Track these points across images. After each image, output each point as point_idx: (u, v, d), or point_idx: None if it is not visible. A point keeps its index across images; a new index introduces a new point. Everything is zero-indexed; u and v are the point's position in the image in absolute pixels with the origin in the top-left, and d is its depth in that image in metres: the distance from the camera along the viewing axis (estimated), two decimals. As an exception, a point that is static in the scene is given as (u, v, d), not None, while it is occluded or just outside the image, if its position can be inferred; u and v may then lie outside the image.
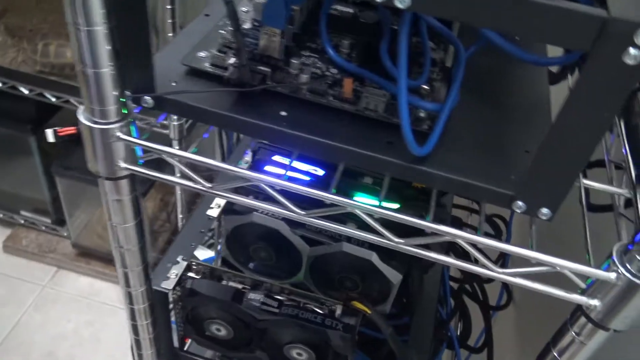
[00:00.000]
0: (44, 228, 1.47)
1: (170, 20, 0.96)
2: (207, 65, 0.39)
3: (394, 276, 0.55)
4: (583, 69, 0.28)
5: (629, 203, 0.40)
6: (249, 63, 0.37)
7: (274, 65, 0.39)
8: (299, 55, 0.41)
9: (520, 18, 0.27)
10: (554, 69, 0.55)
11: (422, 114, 0.38)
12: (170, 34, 0.95)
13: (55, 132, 0.36)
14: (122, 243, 0.42)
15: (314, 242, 0.56)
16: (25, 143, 1.31)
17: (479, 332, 0.80)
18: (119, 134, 0.35)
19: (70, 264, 1.44)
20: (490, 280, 0.85)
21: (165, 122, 1.06)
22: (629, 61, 0.27)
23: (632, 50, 0.26)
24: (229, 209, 0.59)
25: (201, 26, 0.44)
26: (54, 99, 1.16)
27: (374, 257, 0.54)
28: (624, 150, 0.40)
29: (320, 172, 0.55)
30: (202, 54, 0.40)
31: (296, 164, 0.55)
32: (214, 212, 0.59)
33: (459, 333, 0.82)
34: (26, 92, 1.17)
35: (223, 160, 0.64)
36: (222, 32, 0.42)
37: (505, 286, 0.86)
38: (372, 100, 0.38)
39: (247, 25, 0.41)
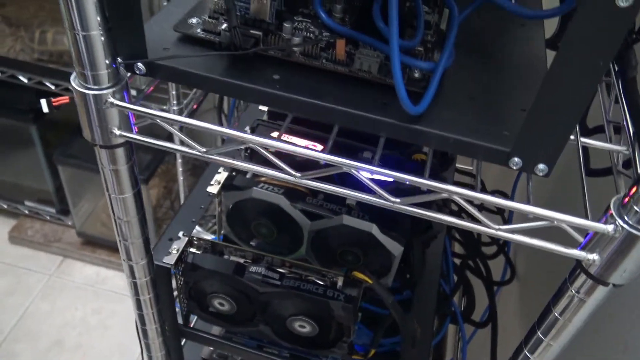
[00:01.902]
0: (48, 218, 1.48)
1: (165, 3, 0.95)
2: (198, 31, 0.39)
3: (395, 248, 0.55)
4: (575, 15, 0.27)
5: (628, 164, 0.39)
6: (241, 27, 0.37)
7: (266, 29, 0.39)
8: (292, 20, 0.41)
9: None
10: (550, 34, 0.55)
11: (417, 75, 0.38)
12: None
13: (49, 101, 0.36)
14: (121, 215, 0.42)
15: (315, 216, 0.56)
16: (26, 133, 1.31)
17: (483, 307, 0.80)
18: (112, 99, 0.35)
19: (75, 253, 1.45)
20: (493, 256, 0.85)
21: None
22: (621, 3, 0.26)
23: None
24: (229, 185, 0.59)
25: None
26: (53, 87, 1.17)
27: (374, 229, 0.54)
28: (621, 109, 0.39)
29: (319, 147, 0.55)
30: (193, 20, 0.40)
31: (295, 140, 0.55)
32: (213, 188, 0.59)
33: (462, 308, 0.82)
34: (25, 80, 1.17)
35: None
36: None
37: (509, 262, 0.86)
38: (366, 62, 0.37)
39: (238, -9, 0.41)
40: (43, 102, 0.36)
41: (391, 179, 0.36)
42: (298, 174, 0.36)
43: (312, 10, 0.42)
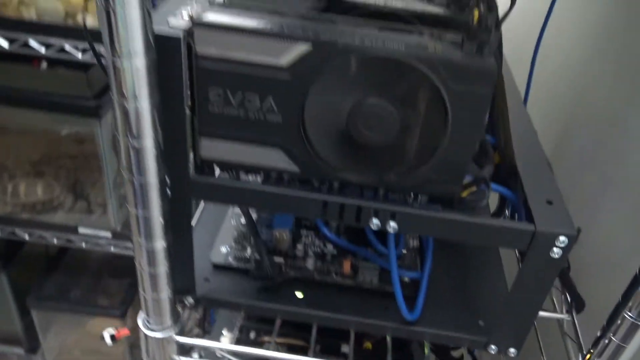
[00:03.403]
0: (16, 358, 1.46)
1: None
2: (231, 261, 0.49)
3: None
4: (524, 263, 0.39)
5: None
6: (267, 259, 0.47)
7: (285, 254, 0.49)
8: (299, 235, 0.51)
9: (481, 236, 0.39)
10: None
11: (406, 279, 0.49)
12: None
13: (112, 337, 0.44)
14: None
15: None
16: (-5, 279, 1.32)
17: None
18: (171, 334, 0.44)
19: (47, 393, 1.43)
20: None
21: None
22: (555, 255, 0.38)
23: (556, 249, 0.38)
24: None
25: (212, 218, 0.53)
26: (27, 236, 1.20)
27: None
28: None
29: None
30: (223, 249, 0.50)
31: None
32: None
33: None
34: (-2, 233, 1.20)
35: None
36: (234, 223, 0.52)
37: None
38: (368, 274, 0.48)
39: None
40: (107, 338, 0.44)
41: None
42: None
43: (313, 223, 0.53)
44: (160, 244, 0.39)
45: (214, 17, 0.34)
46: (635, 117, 0.63)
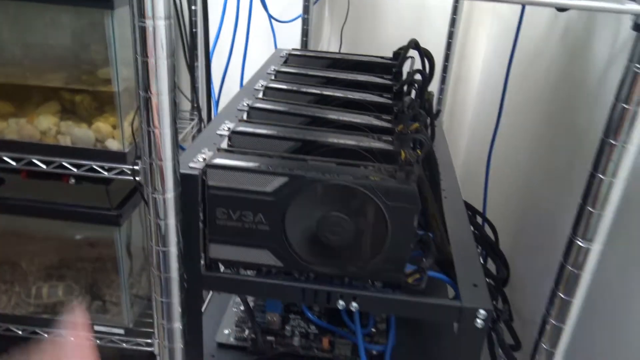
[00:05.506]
0: None
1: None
2: (232, 340, 0.61)
3: None
4: (457, 331, 0.51)
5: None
6: (261, 338, 0.59)
7: (276, 333, 0.61)
8: (288, 318, 0.63)
9: (421, 312, 0.51)
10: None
11: (374, 352, 0.60)
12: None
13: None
14: None
15: None
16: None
17: None
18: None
19: None
20: None
21: None
22: (478, 325, 0.51)
23: (479, 320, 0.50)
24: None
25: (217, 306, 0.66)
26: (45, 335, 1.30)
27: None
28: None
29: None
30: (226, 331, 0.62)
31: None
32: None
33: None
34: (20, 332, 1.31)
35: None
36: (235, 310, 0.64)
37: None
38: (343, 349, 0.60)
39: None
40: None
41: None
42: None
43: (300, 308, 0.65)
44: (177, 325, 0.52)
45: (220, 160, 0.49)
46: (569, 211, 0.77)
